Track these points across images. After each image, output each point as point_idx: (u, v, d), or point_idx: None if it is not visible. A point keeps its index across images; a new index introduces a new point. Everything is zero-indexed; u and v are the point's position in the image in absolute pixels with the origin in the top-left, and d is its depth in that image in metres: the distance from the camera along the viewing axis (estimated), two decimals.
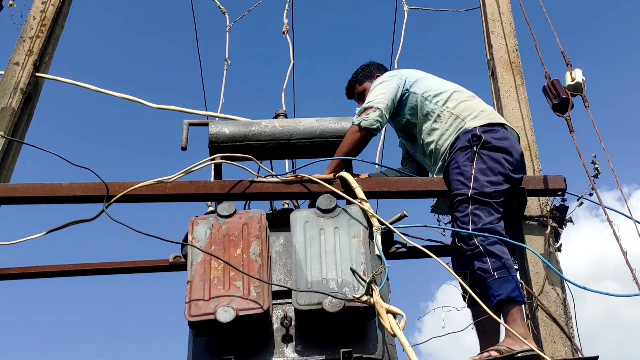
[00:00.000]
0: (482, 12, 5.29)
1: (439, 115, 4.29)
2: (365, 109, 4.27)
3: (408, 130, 4.49)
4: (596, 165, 3.93)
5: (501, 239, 3.75)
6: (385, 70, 4.76)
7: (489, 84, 4.95)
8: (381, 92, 4.34)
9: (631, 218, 3.81)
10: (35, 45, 5.08)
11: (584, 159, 3.94)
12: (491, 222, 3.81)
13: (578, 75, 4.18)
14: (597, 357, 3.47)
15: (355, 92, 4.79)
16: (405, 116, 4.43)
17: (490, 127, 4.13)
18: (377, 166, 5.09)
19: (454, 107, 4.27)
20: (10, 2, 5.00)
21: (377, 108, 4.24)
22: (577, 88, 4.16)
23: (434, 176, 4.37)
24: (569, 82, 4.17)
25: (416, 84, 4.42)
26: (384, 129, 4.91)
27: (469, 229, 3.78)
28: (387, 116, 4.33)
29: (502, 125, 4.22)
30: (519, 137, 4.31)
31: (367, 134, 4.23)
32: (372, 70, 4.79)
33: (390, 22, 5.91)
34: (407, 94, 4.40)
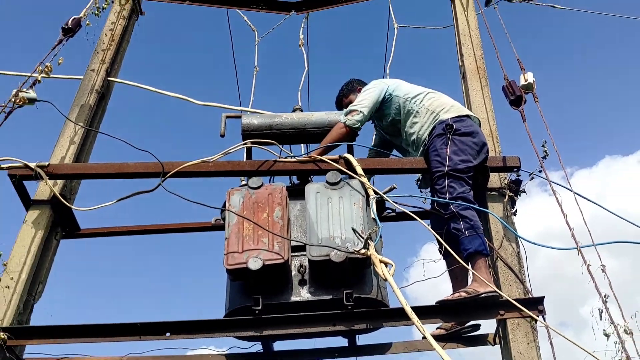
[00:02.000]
0: (456, 29, 5.25)
1: (418, 112, 4.26)
2: (351, 110, 4.25)
3: (394, 126, 4.45)
4: (545, 149, 3.91)
5: (471, 205, 3.75)
6: (364, 83, 4.71)
7: (460, 85, 4.92)
8: (365, 98, 4.33)
9: (571, 190, 3.81)
10: (107, 56, 5.07)
11: (535, 143, 3.94)
12: (463, 192, 3.80)
13: (529, 77, 4.16)
14: (543, 297, 3.47)
15: (343, 103, 4.75)
16: (391, 115, 4.39)
17: (459, 117, 4.12)
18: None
19: (430, 104, 4.25)
20: (87, 22, 4.97)
21: (360, 111, 4.23)
22: (528, 87, 4.14)
23: None
24: (522, 82, 4.16)
25: (397, 90, 4.39)
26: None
27: (446, 198, 3.78)
28: (368, 117, 4.32)
29: (468, 116, 4.20)
30: (480, 123, 4.29)
31: (350, 131, 4.22)
32: (354, 85, 4.75)
33: (383, 37, 5.86)
34: (390, 98, 4.36)
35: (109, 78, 4.99)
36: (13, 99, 4.11)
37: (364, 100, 4.31)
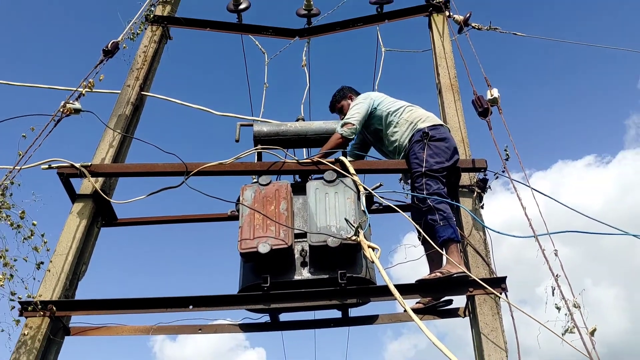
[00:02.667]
0: (433, 52, 5.24)
1: (398, 123, 4.25)
2: (346, 123, 4.21)
3: (377, 134, 4.43)
4: (507, 152, 3.90)
5: (445, 200, 3.75)
6: (354, 90, 4.70)
7: (437, 99, 4.92)
8: (357, 112, 4.28)
9: (529, 186, 3.80)
10: (141, 74, 5.06)
11: (499, 148, 3.94)
12: (438, 188, 3.80)
13: (495, 92, 4.17)
14: (505, 277, 3.47)
15: (336, 108, 4.74)
16: (375, 125, 4.37)
17: (433, 126, 4.11)
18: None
19: (408, 117, 4.24)
20: (124, 45, 4.96)
21: (354, 124, 4.20)
22: (494, 101, 4.15)
23: None
24: (489, 97, 4.17)
25: (381, 104, 4.37)
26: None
27: (424, 194, 3.78)
28: (360, 128, 4.29)
29: (441, 125, 4.20)
30: (449, 131, 4.29)
31: (345, 141, 4.20)
32: (345, 92, 4.72)
33: (372, 59, 5.86)
34: (375, 111, 4.34)
35: (142, 92, 4.99)
36: (61, 109, 4.11)
37: (356, 114, 4.27)
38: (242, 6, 5.84)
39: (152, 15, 5.53)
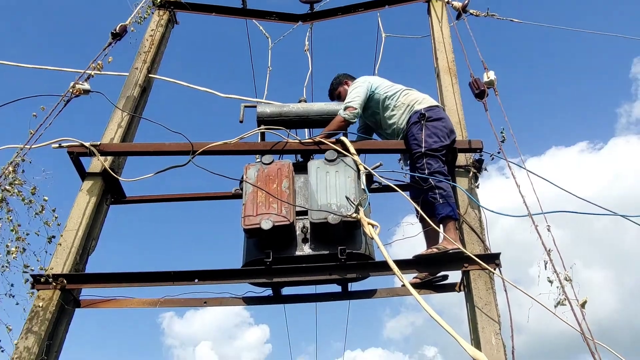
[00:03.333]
0: (432, 38, 5.20)
1: (395, 106, 4.24)
2: (348, 107, 4.19)
3: (373, 117, 4.42)
4: (503, 134, 3.88)
5: (445, 179, 3.75)
6: (350, 76, 4.68)
7: (435, 82, 4.89)
8: (357, 95, 4.26)
9: (523, 167, 3.80)
10: (148, 57, 5.04)
11: (495, 129, 3.93)
12: (439, 167, 3.80)
13: (491, 75, 4.16)
14: (499, 253, 3.48)
15: (334, 95, 4.70)
16: (372, 109, 4.36)
17: (430, 107, 4.11)
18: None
19: (405, 99, 4.23)
20: (132, 29, 4.94)
21: (355, 107, 4.18)
22: (490, 83, 4.14)
23: None
24: (485, 79, 4.16)
25: (378, 88, 4.35)
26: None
27: (425, 174, 3.78)
28: (361, 111, 4.27)
29: (437, 105, 4.19)
30: (445, 111, 4.27)
31: (347, 124, 4.18)
32: (341, 79, 4.69)
33: (373, 43, 5.81)
34: (372, 95, 4.32)
35: (149, 75, 4.97)
36: (71, 90, 4.11)
37: (356, 98, 4.24)
38: None
39: (159, 0, 5.50)
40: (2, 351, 3.20)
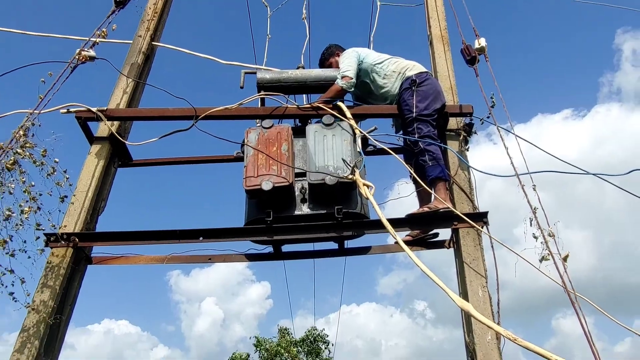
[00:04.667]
0: (425, 6, 5.08)
1: (385, 74, 4.17)
2: (344, 76, 4.09)
3: (364, 87, 4.33)
4: (493, 100, 3.83)
5: (435, 142, 3.73)
6: (340, 47, 4.56)
7: (428, 50, 4.80)
8: (349, 65, 4.15)
9: (511, 132, 3.75)
10: (151, 25, 4.92)
11: (485, 95, 3.87)
12: (429, 131, 3.78)
13: (482, 41, 4.07)
14: (487, 212, 3.48)
15: (325, 65, 4.56)
16: (362, 78, 4.26)
17: (419, 74, 4.06)
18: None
19: (395, 67, 4.17)
20: None
21: (351, 77, 4.08)
22: (481, 50, 4.05)
23: None
24: (476, 46, 4.07)
25: (367, 58, 4.26)
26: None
27: (415, 137, 3.75)
28: (355, 79, 4.16)
29: (426, 72, 4.13)
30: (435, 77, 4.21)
31: (343, 92, 4.09)
32: (333, 50, 4.56)
33: (368, 12, 5.70)
34: (361, 64, 4.23)
35: (152, 42, 4.86)
36: (77, 57, 4.02)
37: (350, 67, 4.14)
38: None
39: None
40: (15, 300, 3.23)
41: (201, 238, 3.54)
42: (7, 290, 3.25)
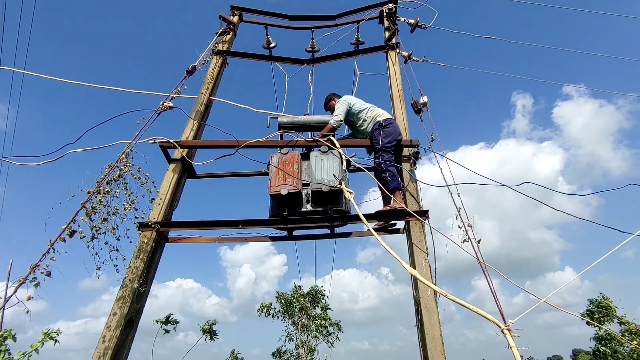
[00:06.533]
0: (388, 74, 5.10)
1: (364, 119, 4.20)
2: (335, 119, 4.11)
3: (352, 125, 4.36)
4: (432, 136, 3.87)
5: (393, 164, 3.75)
6: (337, 95, 4.60)
7: (390, 104, 4.83)
8: (341, 111, 4.19)
9: (443, 156, 3.76)
10: (210, 85, 4.90)
11: (427, 133, 3.91)
12: (389, 157, 3.80)
13: (425, 98, 4.12)
14: (428, 210, 3.49)
15: (327, 106, 4.61)
16: (349, 118, 4.29)
17: (386, 119, 4.08)
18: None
19: (370, 114, 4.19)
20: (199, 67, 4.82)
21: (340, 119, 4.11)
22: (425, 104, 4.10)
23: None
24: (421, 101, 4.11)
25: (354, 106, 4.29)
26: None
27: (380, 161, 3.77)
28: (343, 121, 4.19)
29: (390, 118, 4.14)
30: (396, 122, 4.22)
31: (334, 129, 4.11)
32: (332, 96, 4.61)
33: (352, 78, 5.72)
34: (350, 109, 4.26)
35: (210, 97, 4.89)
36: (160, 107, 4.06)
37: (341, 113, 4.18)
38: (272, 45, 5.73)
39: (216, 49, 5.39)
40: (118, 271, 3.24)
41: (240, 226, 3.55)
42: (112, 262, 3.26)
